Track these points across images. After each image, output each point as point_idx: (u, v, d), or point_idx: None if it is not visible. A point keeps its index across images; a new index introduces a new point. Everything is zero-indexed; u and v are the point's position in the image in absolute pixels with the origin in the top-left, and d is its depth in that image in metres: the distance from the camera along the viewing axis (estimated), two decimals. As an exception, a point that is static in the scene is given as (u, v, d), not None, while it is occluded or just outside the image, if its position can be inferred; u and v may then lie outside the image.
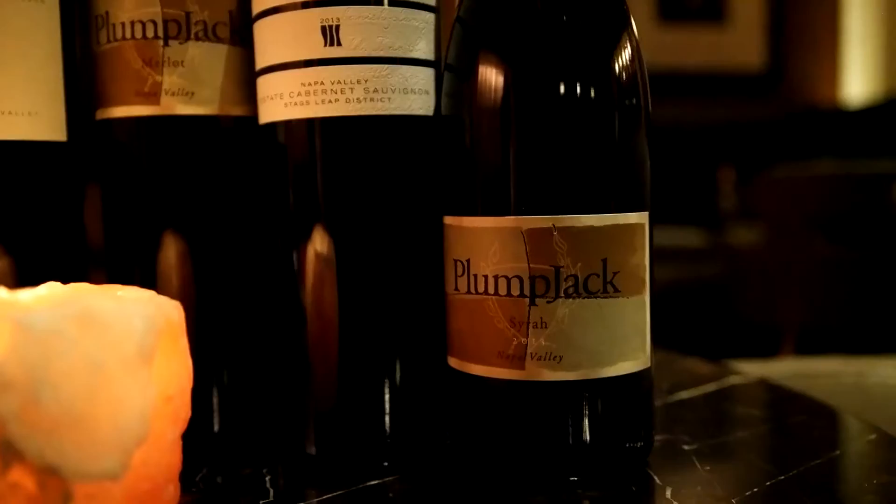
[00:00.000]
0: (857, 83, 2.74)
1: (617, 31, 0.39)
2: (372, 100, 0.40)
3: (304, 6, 0.40)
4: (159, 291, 0.42)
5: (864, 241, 1.88)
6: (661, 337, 0.47)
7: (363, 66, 0.40)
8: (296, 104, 0.40)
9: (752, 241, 2.10)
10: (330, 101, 0.40)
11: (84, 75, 0.45)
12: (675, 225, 2.26)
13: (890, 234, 1.83)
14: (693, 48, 2.76)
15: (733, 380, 0.57)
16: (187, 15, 0.42)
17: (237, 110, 0.44)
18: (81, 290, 0.30)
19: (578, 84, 0.38)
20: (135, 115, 0.43)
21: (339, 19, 0.39)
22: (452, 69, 0.41)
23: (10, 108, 0.41)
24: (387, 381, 0.42)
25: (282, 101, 0.41)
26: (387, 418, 0.42)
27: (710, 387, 0.55)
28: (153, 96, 0.42)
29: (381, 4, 0.40)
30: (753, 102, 2.71)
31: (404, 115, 0.41)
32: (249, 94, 0.44)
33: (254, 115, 0.44)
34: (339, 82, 0.40)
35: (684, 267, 2.12)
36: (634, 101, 0.39)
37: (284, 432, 0.44)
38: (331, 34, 0.39)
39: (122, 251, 0.45)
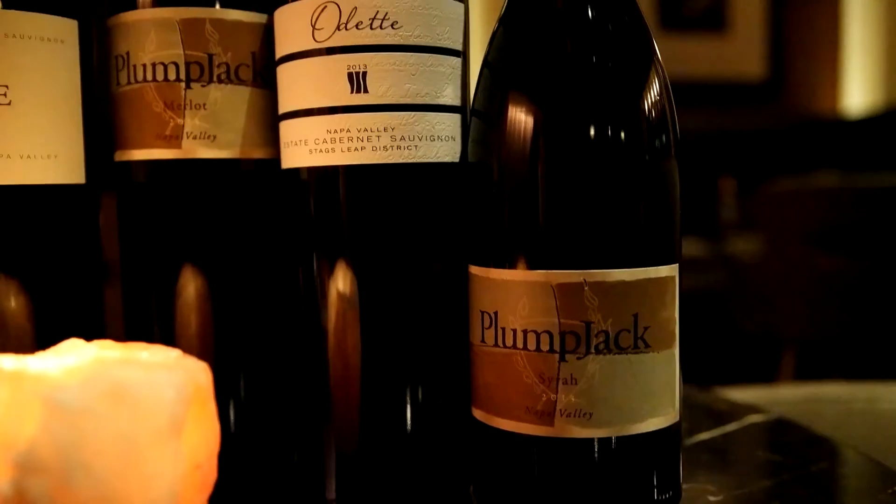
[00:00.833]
0: (857, 93, 2.74)
1: (648, 72, 0.39)
2: (399, 148, 0.39)
3: (331, 52, 0.39)
4: (178, 335, 0.42)
5: (865, 254, 1.88)
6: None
7: (390, 113, 0.39)
8: (321, 151, 0.40)
9: (752, 251, 2.10)
10: (356, 149, 0.39)
11: (102, 115, 0.44)
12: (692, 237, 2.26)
13: (891, 247, 1.83)
14: (694, 57, 2.76)
15: (753, 418, 0.56)
16: (210, 57, 0.42)
17: (259, 153, 0.43)
18: (109, 360, 0.29)
19: (612, 131, 0.37)
20: (156, 159, 0.42)
21: (366, 66, 0.39)
22: (480, 115, 0.40)
23: (30, 152, 0.40)
24: (408, 427, 0.41)
25: (306, 147, 0.40)
26: (408, 465, 0.41)
27: (731, 426, 0.54)
28: (175, 140, 0.42)
29: (409, 51, 0.39)
30: (754, 111, 2.71)
31: (430, 163, 0.40)
32: (271, 137, 0.43)
33: (275, 158, 0.43)
34: (365, 130, 0.39)
35: (684, 277, 2.11)
36: (668, 148, 0.39)
37: (304, 477, 0.43)
38: (357, 81, 0.39)
39: (141, 294, 0.44)
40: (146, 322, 0.44)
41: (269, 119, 0.43)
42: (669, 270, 0.39)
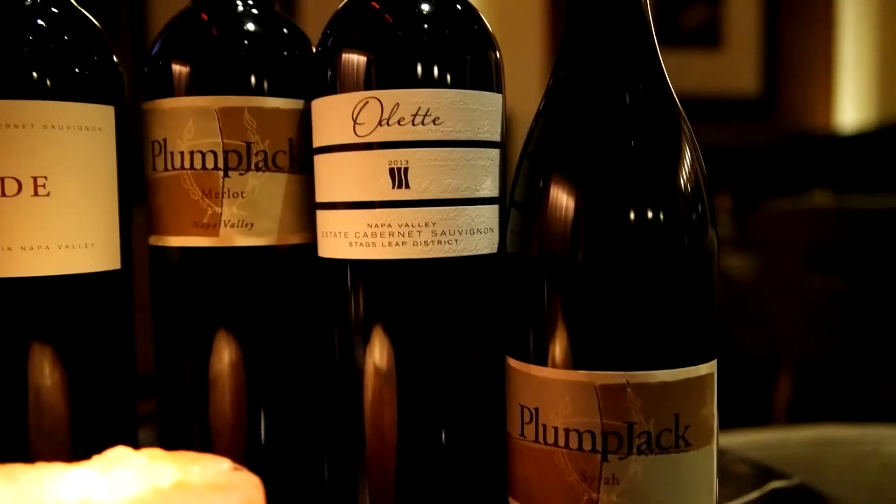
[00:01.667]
0: (850, 109, 2.76)
1: (690, 160, 0.39)
2: (439, 242, 0.39)
3: (372, 147, 0.39)
4: (212, 423, 0.42)
5: (861, 274, 1.89)
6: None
7: (431, 208, 0.39)
8: (361, 245, 0.40)
9: (748, 269, 2.11)
10: (397, 244, 0.39)
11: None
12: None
13: (886, 268, 1.84)
14: (688, 72, 2.77)
15: (774, 484, 0.56)
16: (248, 145, 0.42)
17: (295, 238, 0.43)
18: (167, 491, 0.29)
19: (657, 225, 0.37)
20: (192, 246, 0.42)
21: (407, 161, 0.39)
22: (519, 206, 0.40)
23: (68, 242, 0.40)
24: (443, 510, 0.41)
25: (346, 239, 0.40)
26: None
27: (753, 494, 0.54)
28: (212, 227, 0.42)
29: (450, 146, 0.39)
30: (748, 127, 2.72)
31: (469, 256, 0.40)
32: (307, 222, 0.43)
33: (310, 242, 0.43)
34: (406, 225, 0.39)
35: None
36: (711, 240, 0.39)
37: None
38: (399, 176, 0.39)
39: (177, 377, 0.44)
40: (182, 408, 0.44)
41: (305, 204, 0.43)
42: (709, 368, 0.39)
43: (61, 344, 0.41)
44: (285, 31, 0.44)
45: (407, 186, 0.39)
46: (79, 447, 0.42)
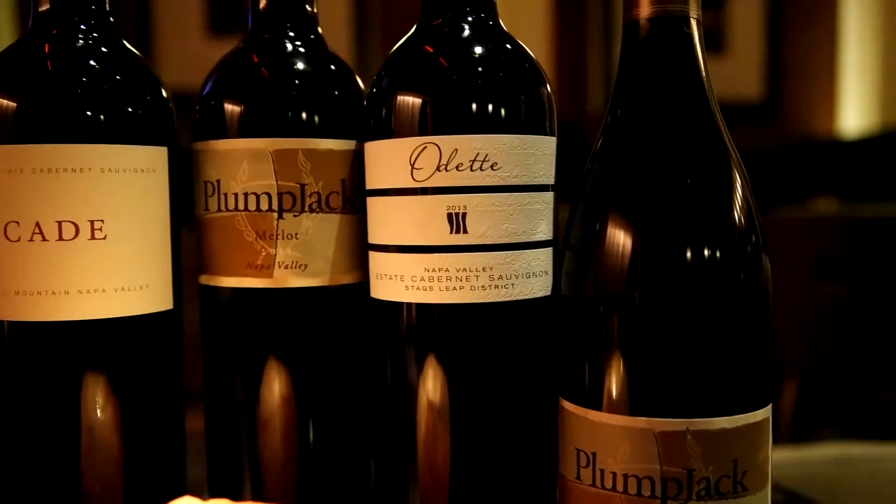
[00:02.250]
0: (853, 115, 2.77)
1: (747, 206, 0.39)
2: (496, 287, 0.40)
3: (430, 192, 0.39)
4: (263, 462, 0.42)
5: (866, 282, 1.90)
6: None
7: (489, 253, 0.39)
8: (418, 289, 0.40)
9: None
10: (454, 289, 0.39)
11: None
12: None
13: (891, 277, 1.85)
14: (692, 77, 2.77)
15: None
16: (302, 187, 0.42)
17: (346, 279, 0.43)
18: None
19: (718, 269, 0.37)
20: (245, 287, 0.42)
21: (465, 207, 0.39)
22: (575, 248, 0.41)
23: (124, 284, 0.40)
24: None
25: (402, 283, 0.40)
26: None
27: (790, 525, 0.55)
28: (266, 269, 0.42)
29: (508, 191, 0.39)
30: (751, 132, 2.73)
31: (525, 300, 0.40)
32: (358, 262, 0.44)
33: (360, 282, 0.43)
34: (464, 270, 0.39)
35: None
36: (767, 283, 0.39)
37: None
38: (457, 222, 0.39)
39: (228, 418, 0.44)
40: (233, 442, 0.44)
41: (357, 245, 0.43)
42: (765, 413, 0.39)
43: (115, 383, 0.41)
44: (333, 67, 0.44)
45: (465, 231, 0.39)
46: (131, 484, 0.42)
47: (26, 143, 0.39)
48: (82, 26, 0.42)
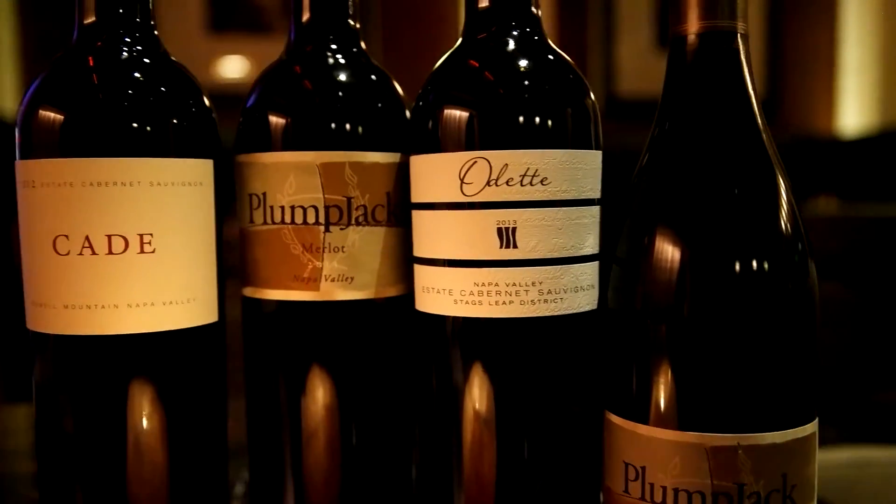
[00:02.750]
0: (853, 113, 2.78)
1: (794, 219, 0.39)
2: (545, 301, 0.40)
3: (480, 207, 0.39)
4: (307, 475, 0.42)
5: (865, 281, 1.91)
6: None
7: (538, 268, 0.39)
8: (467, 303, 0.40)
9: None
10: (504, 303, 0.40)
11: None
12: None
13: (890, 276, 1.86)
14: (692, 75, 2.77)
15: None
16: (349, 200, 0.42)
17: (391, 291, 0.43)
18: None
19: (769, 283, 0.38)
20: (291, 300, 0.42)
21: (515, 221, 0.39)
22: (624, 262, 0.41)
23: (171, 298, 0.40)
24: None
25: (451, 297, 0.40)
26: None
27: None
28: (313, 282, 0.42)
29: (557, 206, 0.39)
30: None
31: (574, 314, 0.40)
32: (402, 274, 0.44)
33: (404, 294, 0.44)
34: (513, 284, 0.39)
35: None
36: (815, 296, 0.39)
37: None
38: (507, 236, 0.39)
39: (272, 430, 0.44)
40: (277, 453, 0.44)
41: (401, 257, 0.44)
42: (813, 427, 0.39)
43: (161, 396, 0.41)
44: (377, 80, 0.44)
45: (515, 246, 0.39)
46: (176, 494, 0.42)
47: (75, 157, 0.39)
48: (127, 38, 0.42)
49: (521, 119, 0.39)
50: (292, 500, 0.44)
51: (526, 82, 0.40)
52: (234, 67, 2.01)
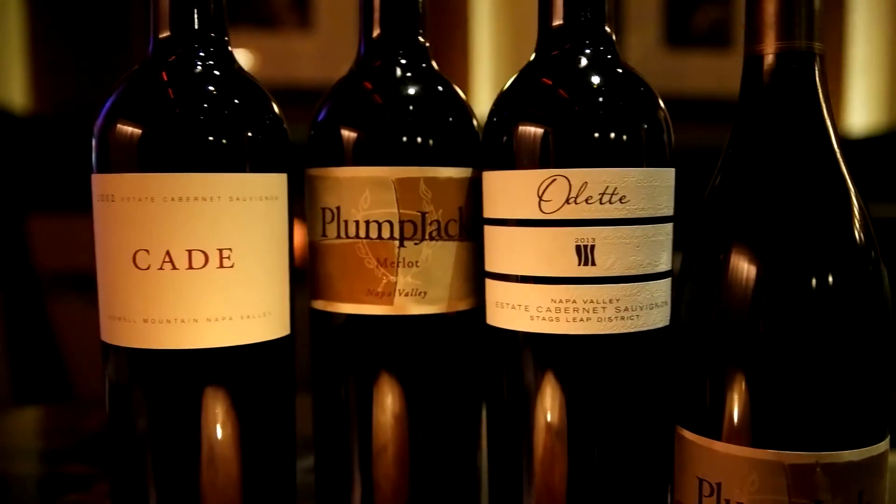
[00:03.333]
0: (860, 113, 2.79)
1: (868, 234, 0.40)
2: (622, 318, 0.40)
3: (558, 224, 0.40)
4: (377, 487, 0.42)
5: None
6: None
7: (616, 285, 0.40)
8: (543, 319, 0.40)
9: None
10: (581, 320, 0.40)
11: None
12: (679, 252, 2.28)
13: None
14: (699, 73, 2.77)
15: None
16: (423, 215, 0.42)
17: (462, 305, 0.44)
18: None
19: (846, 297, 0.38)
20: (365, 314, 0.43)
21: (594, 239, 0.39)
22: (698, 280, 0.41)
23: (249, 312, 0.41)
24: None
25: (527, 313, 0.41)
26: None
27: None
28: (387, 296, 0.42)
29: (635, 224, 0.40)
30: (759, 129, 2.73)
31: (648, 330, 0.41)
32: (472, 288, 0.44)
33: (474, 308, 0.44)
34: (591, 301, 0.40)
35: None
36: (891, 309, 0.40)
37: None
38: (585, 254, 0.39)
39: (340, 443, 0.45)
40: (344, 466, 0.44)
41: (472, 271, 0.44)
42: (885, 444, 0.40)
43: (235, 408, 0.41)
44: (449, 96, 0.45)
45: (593, 263, 0.40)
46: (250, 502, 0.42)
47: (155, 172, 0.39)
48: (201, 53, 0.42)
49: (600, 137, 0.39)
50: (360, 508, 0.44)
51: (604, 100, 0.40)
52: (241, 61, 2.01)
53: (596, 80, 0.41)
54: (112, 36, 1.88)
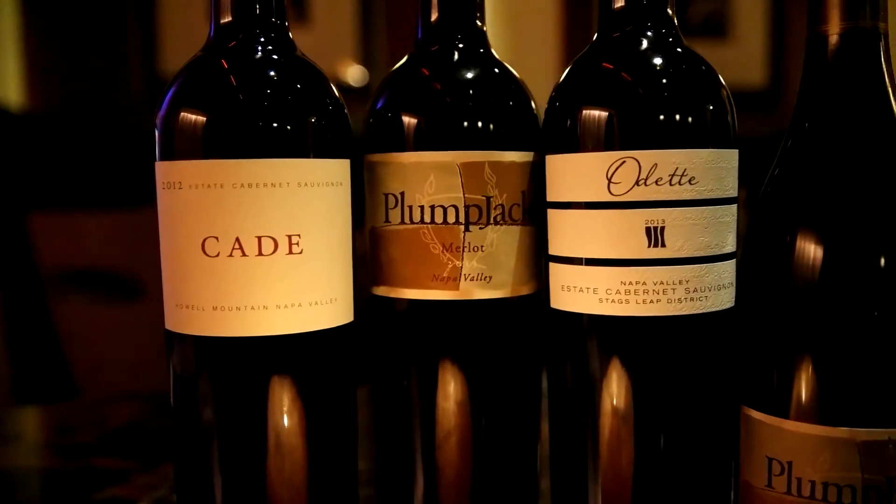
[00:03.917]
0: None
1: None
2: (691, 299, 0.40)
3: (628, 206, 0.40)
4: (440, 475, 0.42)
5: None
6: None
7: (685, 266, 0.40)
8: (612, 301, 0.40)
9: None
10: (651, 301, 0.40)
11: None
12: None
13: None
14: (696, 63, 2.78)
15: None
16: (488, 199, 0.42)
17: (524, 289, 0.44)
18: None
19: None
20: (429, 299, 0.42)
21: (664, 221, 0.40)
22: (765, 259, 0.41)
23: (317, 298, 0.40)
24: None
25: (595, 295, 0.41)
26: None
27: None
28: (452, 281, 0.42)
29: (704, 205, 0.40)
30: (755, 119, 2.74)
31: (715, 311, 0.41)
32: (534, 272, 0.44)
33: (535, 292, 0.44)
34: (661, 283, 0.40)
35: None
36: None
37: None
38: (655, 235, 0.40)
39: (401, 432, 0.45)
40: (407, 453, 0.44)
41: (534, 255, 0.44)
42: (955, 419, 0.40)
43: (301, 395, 0.41)
44: (509, 80, 0.44)
45: (663, 245, 0.40)
46: (315, 491, 0.42)
47: (222, 159, 0.39)
48: (262, 38, 0.42)
49: (669, 118, 0.39)
50: (422, 494, 0.44)
51: (671, 81, 0.40)
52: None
53: (661, 61, 0.41)
54: (108, 34, 1.87)
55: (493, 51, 0.45)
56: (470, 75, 0.43)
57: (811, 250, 0.39)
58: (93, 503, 0.59)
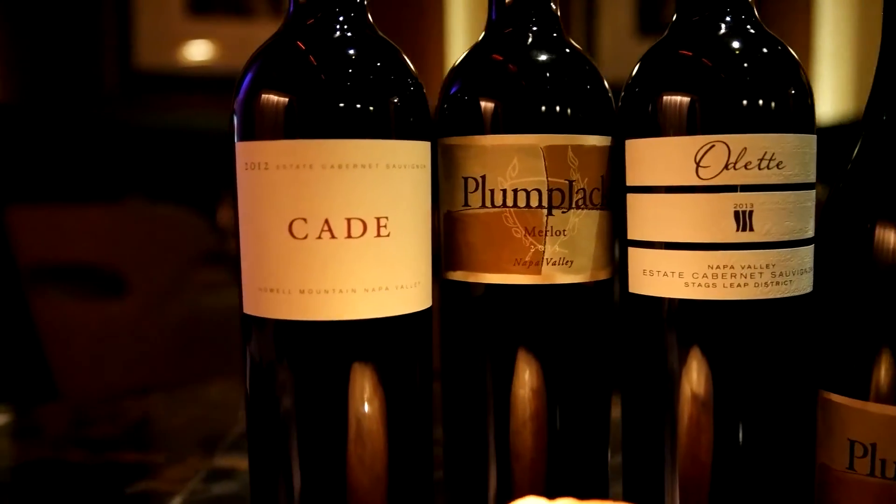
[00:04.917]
0: (828, 101, 2.85)
1: None
2: (777, 283, 0.40)
3: (717, 190, 0.40)
4: (515, 459, 0.42)
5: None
6: None
7: (772, 250, 0.40)
8: (699, 285, 0.40)
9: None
10: (738, 285, 0.40)
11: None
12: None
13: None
14: (673, 62, 2.81)
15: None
16: (570, 183, 0.42)
17: (602, 274, 0.44)
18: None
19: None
20: (511, 283, 0.42)
21: (752, 205, 0.40)
22: (848, 246, 0.41)
23: (403, 282, 0.40)
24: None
25: (681, 279, 0.41)
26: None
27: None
28: (534, 266, 0.42)
29: (790, 189, 0.40)
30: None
31: (796, 296, 0.41)
32: (611, 257, 0.44)
33: (611, 277, 0.44)
34: (748, 266, 0.40)
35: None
36: None
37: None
38: (744, 219, 0.40)
39: (476, 415, 0.44)
40: (480, 439, 0.44)
41: (611, 240, 0.44)
42: None
43: (382, 380, 0.41)
44: (585, 64, 0.44)
45: (751, 229, 0.40)
46: (394, 478, 0.42)
47: (308, 139, 0.38)
48: (341, 17, 0.41)
49: (757, 103, 0.40)
50: (495, 480, 0.44)
51: (756, 65, 0.40)
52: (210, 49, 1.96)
53: (743, 45, 0.41)
54: (84, 28, 1.84)
55: (564, 33, 0.45)
56: (550, 58, 0.43)
57: (893, 234, 0.40)
58: (126, 498, 0.58)
